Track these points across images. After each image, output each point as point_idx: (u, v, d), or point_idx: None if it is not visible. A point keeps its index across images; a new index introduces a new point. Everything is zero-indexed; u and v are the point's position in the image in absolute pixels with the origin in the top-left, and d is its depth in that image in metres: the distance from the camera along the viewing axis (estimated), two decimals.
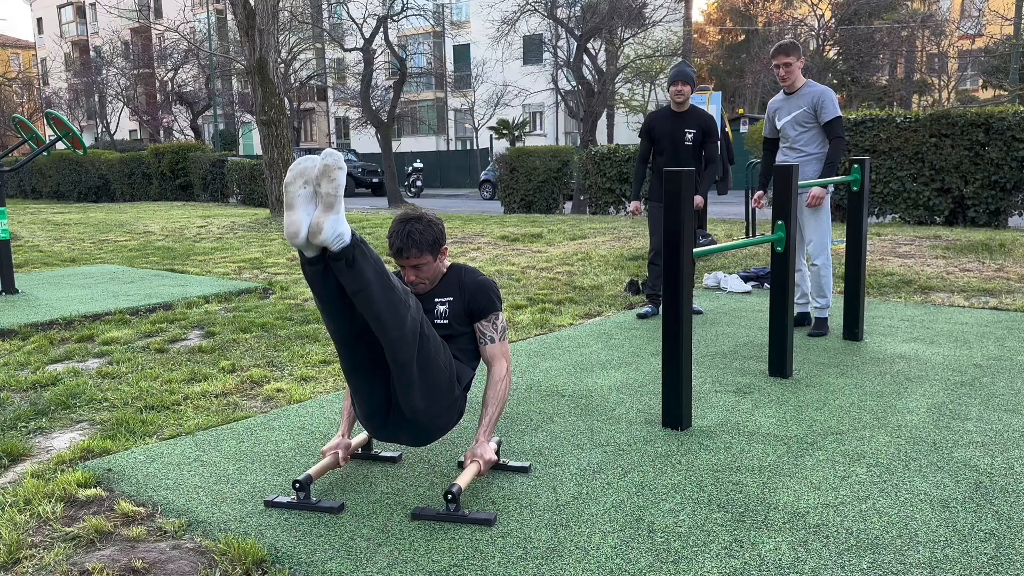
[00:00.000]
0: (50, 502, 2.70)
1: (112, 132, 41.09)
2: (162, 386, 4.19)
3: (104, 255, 10.24)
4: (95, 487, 2.83)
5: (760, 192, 5.40)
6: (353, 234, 2.36)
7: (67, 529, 2.52)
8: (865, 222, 4.82)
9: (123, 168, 24.95)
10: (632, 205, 5.77)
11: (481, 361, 2.90)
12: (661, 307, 5.70)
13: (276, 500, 2.65)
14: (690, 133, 5.44)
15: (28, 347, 5.12)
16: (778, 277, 4.08)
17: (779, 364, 4.08)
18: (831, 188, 4.92)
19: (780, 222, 4.04)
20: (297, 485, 2.61)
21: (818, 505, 2.60)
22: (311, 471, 2.69)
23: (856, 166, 4.77)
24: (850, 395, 3.77)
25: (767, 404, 3.65)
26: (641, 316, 5.63)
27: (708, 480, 2.81)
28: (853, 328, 4.86)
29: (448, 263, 2.88)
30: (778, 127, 5.09)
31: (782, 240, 4.03)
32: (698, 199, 5.56)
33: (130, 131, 50.68)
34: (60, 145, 30.94)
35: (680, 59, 5.93)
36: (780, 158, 5.10)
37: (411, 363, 2.51)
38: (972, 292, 6.33)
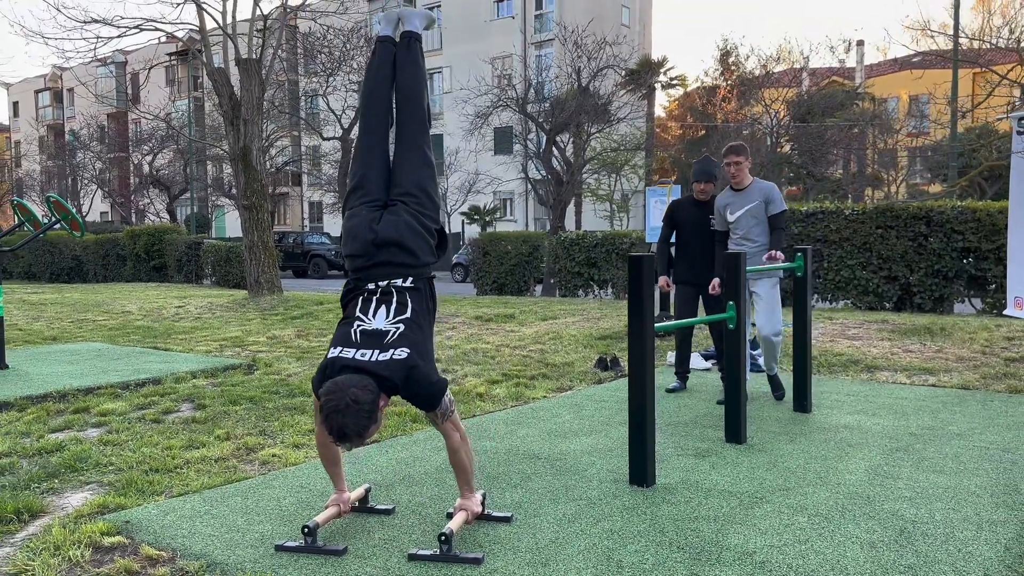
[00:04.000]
0: (78, 548, 2.98)
1: (84, 214, 41.41)
2: (163, 452, 4.47)
3: (85, 333, 10.45)
4: (117, 535, 3.12)
5: (717, 280, 5.91)
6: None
7: (97, 570, 2.81)
8: (809, 304, 5.34)
9: (98, 249, 25.16)
10: (661, 280, 6.31)
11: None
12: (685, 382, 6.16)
13: (286, 544, 2.96)
14: (714, 219, 5.98)
15: (27, 418, 5.36)
16: (731, 351, 4.54)
17: (734, 430, 4.50)
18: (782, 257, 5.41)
19: (731, 303, 4.53)
20: (306, 529, 2.93)
21: (764, 546, 2.98)
22: (318, 518, 3.02)
23: (800, 254, 5.31)
24: (797, 458, 4.18)
25: (723, 465, 4.05)
26: (669, 391, 6.11)
27: (669, 527, 3.18)
28: (802, 401, 5.31)
29: (385, 407, 2.91)
30: (730, 220, 5.65)
31: (734, 318, 4.51)
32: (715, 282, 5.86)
33: (101, 213, 50.96)
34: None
35: (704, 154, 6.48)
36: (734, 249, 5.63)
37: (421, 145, 3.31)
38: (914, 371, 6.85)
